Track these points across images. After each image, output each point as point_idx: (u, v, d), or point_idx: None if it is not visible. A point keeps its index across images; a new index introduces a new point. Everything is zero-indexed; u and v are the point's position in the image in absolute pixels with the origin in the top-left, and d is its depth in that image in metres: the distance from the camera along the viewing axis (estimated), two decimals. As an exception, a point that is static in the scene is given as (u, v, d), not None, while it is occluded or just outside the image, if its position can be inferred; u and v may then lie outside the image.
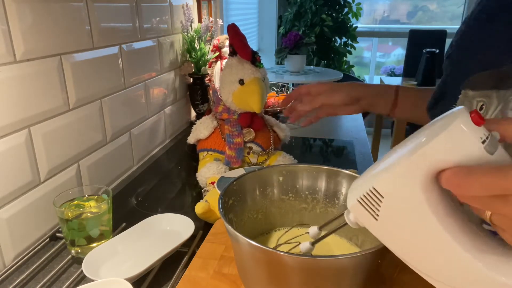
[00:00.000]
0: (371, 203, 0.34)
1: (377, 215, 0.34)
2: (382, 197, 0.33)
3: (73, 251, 0.65)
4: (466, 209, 0.31)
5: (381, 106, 0.70)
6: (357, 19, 3.58)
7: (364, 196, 0.35)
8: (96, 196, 0.70)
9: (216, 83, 1.20)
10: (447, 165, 0.30)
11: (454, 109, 0.31)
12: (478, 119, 0.29)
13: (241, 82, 0.94)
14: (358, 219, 0.37)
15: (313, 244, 0.44)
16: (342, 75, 2.59)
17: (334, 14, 3.45)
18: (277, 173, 0.56)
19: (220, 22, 1.51)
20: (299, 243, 0.46)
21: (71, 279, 0.60)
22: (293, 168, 0.57)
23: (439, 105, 0.57)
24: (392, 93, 0.69)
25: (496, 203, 0.28)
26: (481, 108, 0.45)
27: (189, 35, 1.29)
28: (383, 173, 0.34)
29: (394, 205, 0.33)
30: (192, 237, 0.66)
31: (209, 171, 0.89)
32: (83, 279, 0.61)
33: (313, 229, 0.45)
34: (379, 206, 0.34)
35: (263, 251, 0.40)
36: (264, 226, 0.58)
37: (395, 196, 0.33)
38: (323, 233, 0.44)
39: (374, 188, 0.34)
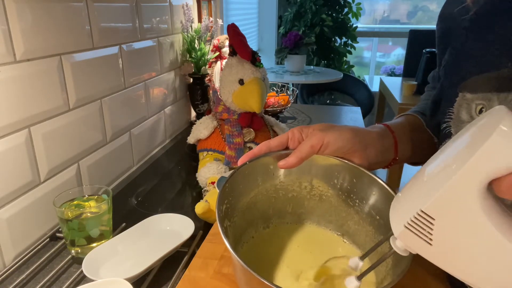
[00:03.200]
0: (421, 227, 0.31)
1: (431, 239, 0.31)
2: (433, 219, 0.30)
3: (73, 251, 0.65)
4: None
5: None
6: (357, 19, 3.58)
7: (412, 221, 0.31)
8: (96, 196, 0.70)
9: (216, 83, 1.20)
10: (500, 173, 0.27)
11: (492, 110, 0.29)
12: None
13: (241, 82, 0.94)
14: (408, 247, 0.34)
15: (359, 278, 0.39)
16: (342, 75, 2.59)
17: (334, 14, 3.45)
18: (271, 162, 0.53)
19: (220, 22, 1.51)
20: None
21: (71, 279, 0.61)
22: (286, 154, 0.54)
23: (439, 111, 0.56)
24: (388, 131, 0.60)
25: None
26: (480, 111, 0.44)
27: (189, 35, 1.29)
28: (429, 193, 0.31)
29: (448, 226, 0.30)
30: (192, 237, 0.66)
31: (209, 171, 0.89)
32: (83, 279, 0.61)
33: (354, 260, 0.41)
34: (431, 229, 0.31)
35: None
36: (262, 212, 0.56)
37: (448, 216, 0.30)
38: (362, 262, 0.40)
39: (422, 211, 0.31)
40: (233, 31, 0.95)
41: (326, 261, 0.49)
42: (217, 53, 1.23)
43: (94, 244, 0.65)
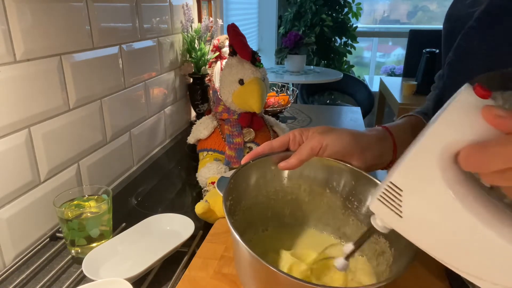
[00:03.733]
0: (391, 199, 0.32)
1: (400, 211, 0.32)
2: (401, 190, 0.31)
3: (73, 251, 0.65)
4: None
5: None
6: (357, 19, 3.58)
7: (383, 193, 0.33)
8: (96, 196, 0.70)
9: (216, 83, 1.20)
10: (460, 145, 0.28)
11: (461, 89, 0.29)
12: (482, 91, 0.27)
13: (241, 82, 0.94)
14: (383, 220, 0.35)
15: (347, 258, 0.41)
16: (342, 75, 2.59)
17: (334, 14, 3.45)
18: (272, 163, 0.53)
19: (220, 22, 1.51)
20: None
21: (71, 279, 0.60)
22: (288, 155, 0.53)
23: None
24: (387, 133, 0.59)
25: None
26: None
27: (189, 35, 1.29)
28: (398, 166, 0.32)
29: (414, 197, 0.31)
30: (192, 237, 0.66)
31: (209, 171, 0.89)
32: (83, 279, 0.61)
33: (348, 246, 0.41)
34: (400, 201, 0.32)
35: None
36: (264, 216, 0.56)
37: (413, 187, 0.31)
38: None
39: (392, 183, 0.32)
40: (233, 31, 0.95)
41: (324, 249, 0.50)
42: (217, 53, 1.23)
43: (94, 244, 0.65)
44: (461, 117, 0.28)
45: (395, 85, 2.80)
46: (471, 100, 0.28)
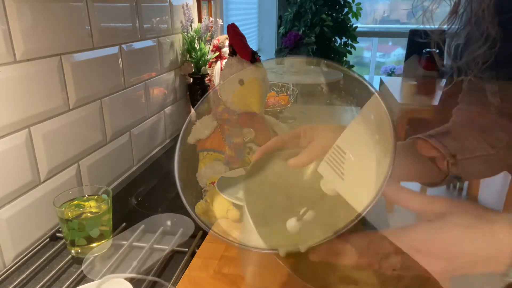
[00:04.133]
0: (336, 161, 0.37)
1: (342, 173, 0.36)
2: (344, 152, 0.36)
3: (73, 251, 0.65)
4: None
5: None
6: (357, 19, 3.58)
7: (330, 155, 0.37)
8: (96, 196, 0.70)
9: (216, 83, 1.20)
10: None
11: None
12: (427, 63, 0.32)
13: (241, 82, 0.94)
14: (330, 181, 0.39)
15: (298, 219, 0.44)
16: (342, 75, 2.59)
17: (334, 14, 3.45)
18: (281, 159, 0.54)
19: (220, 22, 1.51)
20: None
21: (71, 279, 0.60)
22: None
23: None
24: None
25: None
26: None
27: (189, 35, 1.29)
28: (345, 130, 0.37)
29: (354, 158, 0.35)
30: (192, 237, 0.66)
31: (209, 171, 0.89)
32: (83, 279, 0.61)
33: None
34: (343, 162, 0.36)
35: None
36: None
37: (354, 149, 0.35)
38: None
39: (338, 146, 0.37)
40: (233, 31, 0.95)
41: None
42: (217, 53, 1.23)
43: (94, 244, 0.65)
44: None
45: (395, 85, 2.80)
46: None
